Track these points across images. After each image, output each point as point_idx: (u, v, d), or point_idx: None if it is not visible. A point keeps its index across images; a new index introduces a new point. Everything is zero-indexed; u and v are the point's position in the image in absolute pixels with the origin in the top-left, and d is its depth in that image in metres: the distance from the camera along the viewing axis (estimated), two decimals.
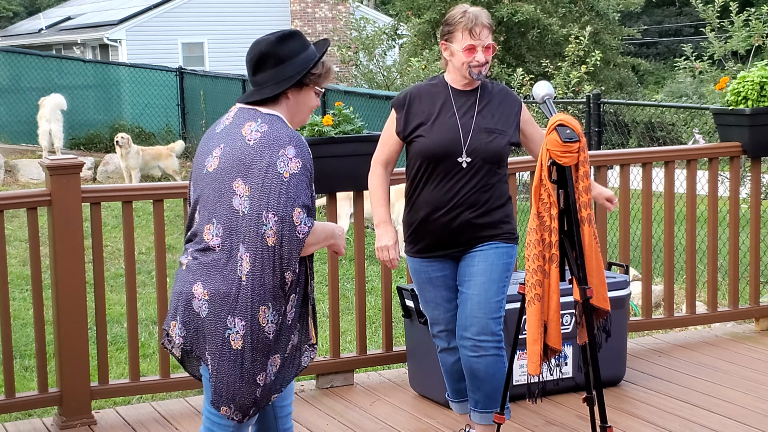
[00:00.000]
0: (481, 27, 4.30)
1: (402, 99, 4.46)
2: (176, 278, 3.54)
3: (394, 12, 22.54)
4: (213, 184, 3.45)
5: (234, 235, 3.38)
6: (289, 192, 3.34)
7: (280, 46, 3.54)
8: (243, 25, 28.62)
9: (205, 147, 3.56)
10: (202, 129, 19.74)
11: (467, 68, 4.31)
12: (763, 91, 6.17)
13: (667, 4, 38.26)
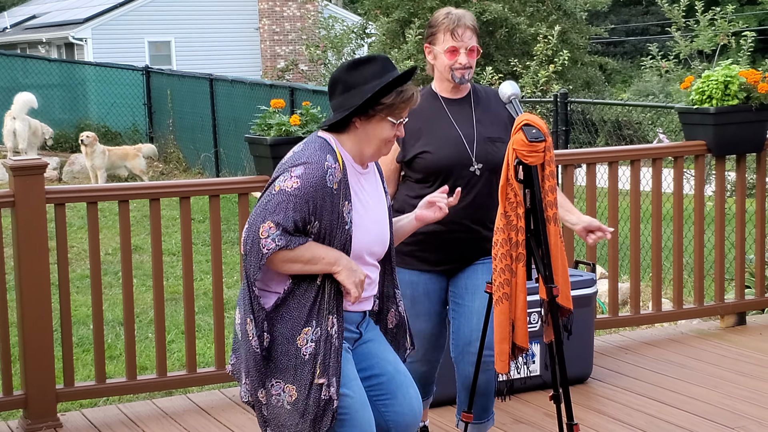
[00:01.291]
0: (463, 28, 4.20)
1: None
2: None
3: (363, 11, 22.53)
4: None
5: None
6: (269, 205, 3.29)
7: (351, 72, 3.44)
8: (210, 23, 28.56)
9: None
10: (170, 128, 19.68)
11: (449, 71, 4.22)
12: (728, 90, 6.21)
13: (634, 3, 38.47)
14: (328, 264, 3.33)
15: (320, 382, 3.32)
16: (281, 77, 23.28)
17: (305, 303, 3.37)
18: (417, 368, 4.48)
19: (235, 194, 5.66)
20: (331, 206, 3.33)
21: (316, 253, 3.32)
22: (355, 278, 3.36)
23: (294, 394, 3.35)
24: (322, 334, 3.35)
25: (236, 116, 16.69)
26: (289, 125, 5.45)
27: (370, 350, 3.57)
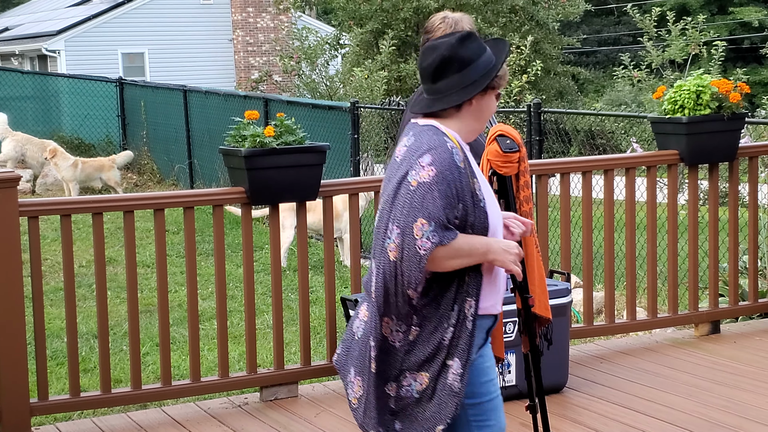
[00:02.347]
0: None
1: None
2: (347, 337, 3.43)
3: (336, 22, 22.57)
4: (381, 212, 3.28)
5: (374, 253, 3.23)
6: (414, 201, 3.10)
7: (462, 48, 3.26)
8: (184, 35, 28.51)
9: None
10: (143, 140, 19.61)
11: None
12: (699, 99, 6.25)
13: (606, 13, 38.67)
14: (482, 254, 3.20)
15: (449, 363, 3.21)
16: (255, 88, 23.27)
17: (450, 289, 3.21)
18: None
19: (209, 206, 5.65)
20: (467, 185, 3.18)
21: (471, 243, 3.18)
22: (512, 257, 3.23)
23: (426, 381, 3.22)
24: (460, 317, 3.22)
25: (210, 127, 16.65)
26: (263, 136, 5.45)
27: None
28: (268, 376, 5.65)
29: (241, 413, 5.46)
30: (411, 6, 20.51)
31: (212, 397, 5.79)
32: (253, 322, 5.62)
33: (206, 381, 5.59)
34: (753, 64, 31.35)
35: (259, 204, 5.64)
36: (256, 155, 5.41)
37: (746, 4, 36.48)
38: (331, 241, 5.82)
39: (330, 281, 5.73)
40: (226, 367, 5.59)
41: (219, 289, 5.52)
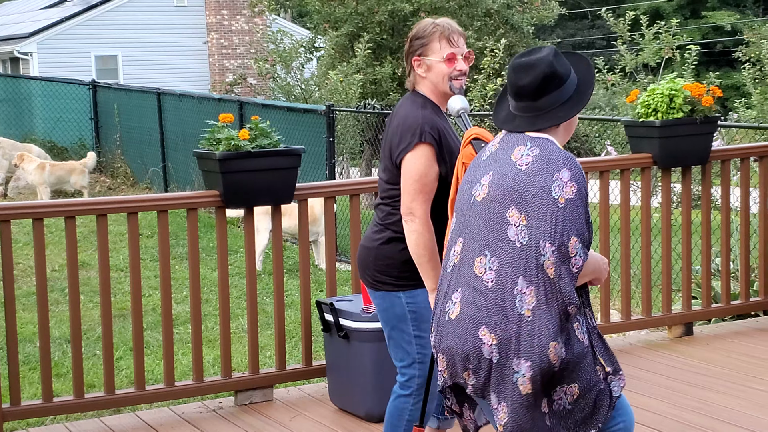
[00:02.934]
0: (458, 34, 4.05)
1: (437, 136, 3.96)
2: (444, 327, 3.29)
3: (312, 25, 22.52)
4: (483, 214, 3.25)
5: (511, 268, 3.16)
6: (565, 220, 3.13)
7: (558, 65, 3.32)
8: (158, 37, 28.40)
9: (472, 175, 3.37)
10: (117, 143, 19.53)
11: (447, 81, 4.01)
12: (672, 103, 6.29)
13: (580, 17, 38.84)
14: (593, 271, 3.29)
15: (608, 370, 3.28)
16: (230, 91, 23.22)
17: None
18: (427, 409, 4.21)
19: (183, 209, 5.63)
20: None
21: (593, 258, 3.27)
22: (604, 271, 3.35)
23: (576, 392, 3.23)
24: (588, 324, 3.29)
25: (184, 130, 16.60)
26: (237, 140, 5.43)
27: None
28: (243, 380, 5.63)
29: (216, 417, 5.45)
30: (386, 9, 20.50)
31: (186, 402, 5.77)
32: (228, 325, 5.61)
33: (180, 385, 5.57)
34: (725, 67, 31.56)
35: (234, 207, 5.62)
36: (231, 158, 5.40)
37: (719, 8, 36.75)
38: (306, 244, 5.81)
39: (305, 285, 5.73)
40: (201, 372, 5.57)
41: (193, 293, 5.50)
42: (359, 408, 5.29)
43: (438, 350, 3.34)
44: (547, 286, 3.14)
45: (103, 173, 19.54)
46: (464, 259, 3.29)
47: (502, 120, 3.42)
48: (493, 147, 3.39)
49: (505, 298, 3.17)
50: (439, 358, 3.33)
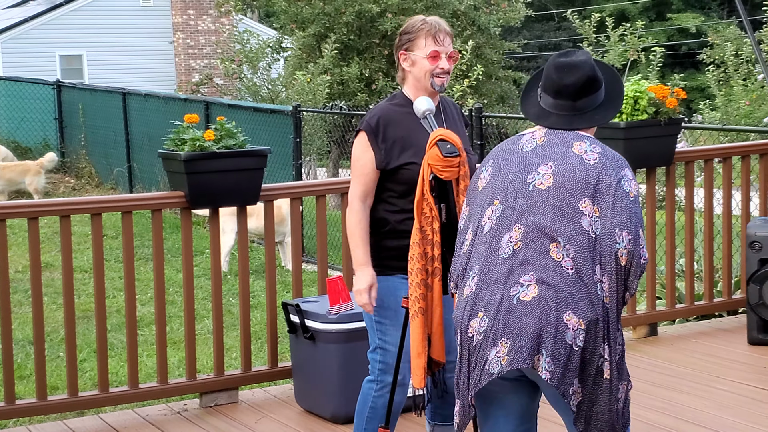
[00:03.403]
0: (444, 33, 4.15)
1: (374, 124, 4.12)
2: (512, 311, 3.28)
3: (279, 25, 22.45)
4: (550, 202, 3.31)
5: (587, 257, 3.25)
6: (637, 212, 3.30)
7: (597, 69, 3.49)
8: (124, 37, 28.21)
9: (517, 164, 3.41)
10: (82, 143, 19.39)
11: (430, 77, 4.11)
12: (637, 105, 6.32)
13: (547, 19, 38.98)
14: None
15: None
16: (196, 91, 23.10)
17: None
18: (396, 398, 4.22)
19: (148, 210, 5.60)
20: None
21: None
22: None
23: (626, 386, 3.42)
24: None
25: (150, 131, 16.51)
26: (203, 140, 5.41)
27: None
28: (208, 382, 5.60)
29: (180, 420, 5.42)
30: (353, 10, 20.48)
31: (151, 404, 5.73)
32: (193, 327, 5.58)
33: (145, 387, 5.54)
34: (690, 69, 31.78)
35: (199, 208, 5.60)
36: (196, 159, 5.37)
37: (684, 10, 37.00)
38: (273, 245, 5.80)
39: (271, 286, 5.71)
40: (165, 374, 5.54)
41: (158, 295, 5.47)
42: (325, 409, 5.27)
43: (500, 335, 3.29)
44: (618, 275, 3.27)
45: (67, 174, 19.40)
46: (532, 244, 3.31)
47: (536, 115, 3.52)
48: (537, 140, 3.46)
49: (588, 284, 3.25)
50: (501, 343, 3.28)
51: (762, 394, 5.55)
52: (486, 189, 3.48)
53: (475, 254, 3.43)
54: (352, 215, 4.16)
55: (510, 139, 3.56)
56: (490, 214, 3.42)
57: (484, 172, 3.53)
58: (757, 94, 14.04)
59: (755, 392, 5.58)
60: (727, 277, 6.96)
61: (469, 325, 3.36)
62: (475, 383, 3.34)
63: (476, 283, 3.38)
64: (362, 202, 4.16)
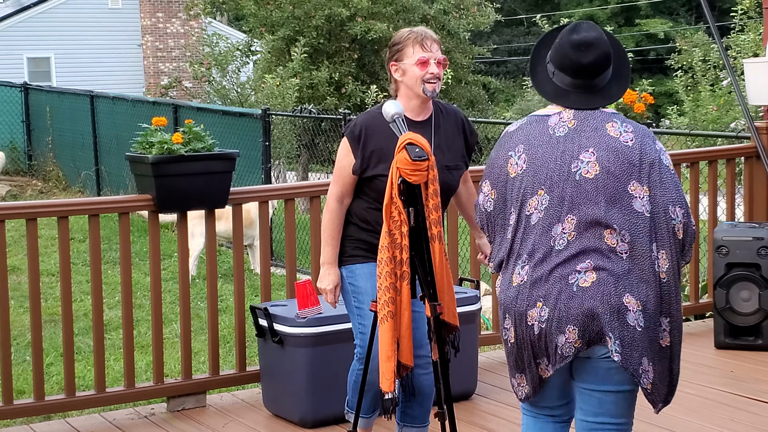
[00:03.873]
0: (431, 40, 4.30)
1: (357, 132, 4.27)
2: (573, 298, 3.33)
3: (248, 28, 22.42)
4: (601, 190, 3.33)
5: (643, 238, 3.32)
6: (680, 185, 3.39)
7: (608, 43, 3.46)
8: (92, 39, 28.05)
9: (556, 152, 3.40)
10: (49, 146, 19.27)
11: (421, 84, 4.25)
12: None
13: (516, 24, 39.13)
14: None
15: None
16: (165, 94, 23.01)
17: None
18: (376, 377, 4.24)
19: (116, 213, 5.56)
20: None
21: None
22: None
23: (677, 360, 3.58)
24: None
25: (118, 134, 16.43)
26: (171, 143, 5.38)
27: None
28: (176, 386, 5.58)
29: (148, 424, 5.39)
30: (323, 14, 20.48)
31: (118, 408, 5.70)
32: (161, 331, 5.55)
33: (112, 391, 5.51)
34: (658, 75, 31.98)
35: (167, 212, 5.57)
36: (164, 162, 5.35)
37: (652, 16, 37.23)
38: (241, 249, 5.78)
39: (240, 289, 5.69)
40: (132, 378, 5.51)
41: (125, 298, 5.44)
42: (293, 414, 5.26)
43: (564, 322, 3.34)
44: (675, 249, 3.38)
45: (34, 177, 19.27)
46: (586, 233, 3.35)
47: (553, 94, 3.49)
48: (567, 123, 3.43)
49: (644, 266, 3.33)
50: (568, 330, 3.34)
51: (729, 398, 5.59)
52: (524, 177, 3.44)
53: (523, 243, 3.44)
54: (327, 213, 4.34)
55: (534, 121, 3.51)
56: (537, 205, 3.42)
57: (514, 157, 3.48)
58: (725, 99, 14.14)
59: (722, 396, 5.62)
60: (694, 282, 7.00)
61: (528, 313, 3.41)
62: (557, 362, 3.41)
63: (528, 273, 3.41)
64: (339, 202, 4.33)
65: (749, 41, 13.61)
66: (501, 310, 3.54)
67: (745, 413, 5.34)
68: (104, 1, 28.59)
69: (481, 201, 3.62)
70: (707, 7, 7.05)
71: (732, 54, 13.62)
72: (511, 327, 3.48)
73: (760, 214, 7.04)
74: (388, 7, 21.01)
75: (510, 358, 3.56)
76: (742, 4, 14.28)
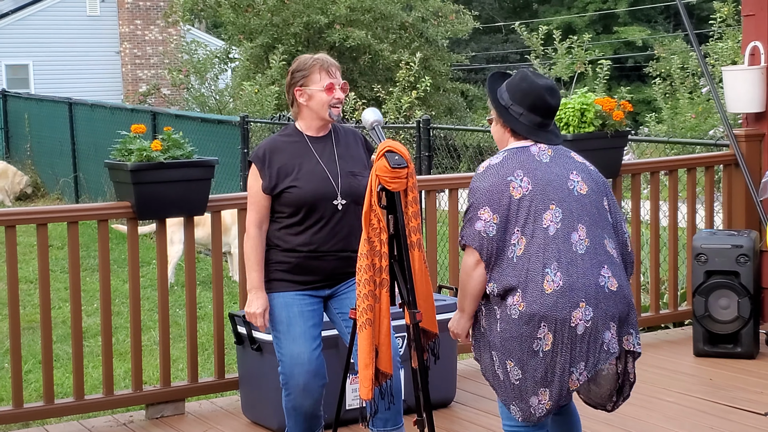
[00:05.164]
0: (335, 67, 4.46)
1: (261, 154, 4.44)
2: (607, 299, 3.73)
3: (226, 36, 22.39)
4: (594, 204, 3.81)
5: (618, 247, 3.86)
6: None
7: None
8: (70, 47, 27.97)
9: (548, 172, 3.79)
10: (27, 153, 19.18)
11: (327, 109, 4.40)
12: (584, 117, 6.37)
13: (494, 31, 39.21)
14: None
15: None
16: (143, 101, 22.96)
17: None
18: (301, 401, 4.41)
19: (94, 221, 5.54)
20: None
21: None
22: None
23: None
24: None
25: (97, 141, 16.38)
26: (150, 150, 5.37)
27: None
28: (154, 394, 5.56)
29: (126, 431, 5.37)
30: (301, 21, 20.49)
31: (97, 416, 5.67)
32: (139, 338, 5.53)
33: (90, 399, 5.48)
34: (637, 82, 32.10)
35: (146, 219, 5.55)
36: (143, 169, 5.33)
37: (630, 23, 37.37)
38: (220, 256, 5.77)
39: (218, 297, 5.68)
40: (111, 385, 5.48)
41: (104, 306, 5.42)
42: (272, 421, 5.25)
43: (608, 318, 3.73)
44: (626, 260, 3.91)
45: None
46: (595, 240, 3.77)
47: (527, 132, 3.88)
48: (547, 152, 3.86)
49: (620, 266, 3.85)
50: (611, 326, 3.74)
51: (707, 405, 5.61)
52: (533, 196, 3.75)
53: (544, 253, 3.70)
54: (248, 241, 4.44)
55: (517, 151, 3.85)
56: (551, 218, 3.74)
57: (515, 181, 3.77)
58: (703, 107, 14.22)
59: (701, 404, 5.64)
60: (673, 289, 7.03)
61: (572, 316, 3.67)
62: (593, 365, 3.71)
63: (562, 278, 3.68)
64: (258, 228, 4.43)
65: (728, 49, 13.70)
66: (534, 319, 3.67)
67: (723, 421, 5.36)
68: (82, 9, 28.50)
69: (481, 228, 3.75)
70: (686, 15, 7.09)
71: (710, 62, 13.69)
72: (548, 334, 3.68)
73: (738, 222, 7.08)
74: (367, 15, 21.03)
75: (537, 372, 3.71)
76: (721, 12, 14.37)
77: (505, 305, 3.71)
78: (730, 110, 7.24)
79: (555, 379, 3.69)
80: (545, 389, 3.71)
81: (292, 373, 4.39)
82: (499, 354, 3.76)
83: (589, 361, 3.69)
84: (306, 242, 4.38)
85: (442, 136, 12.74)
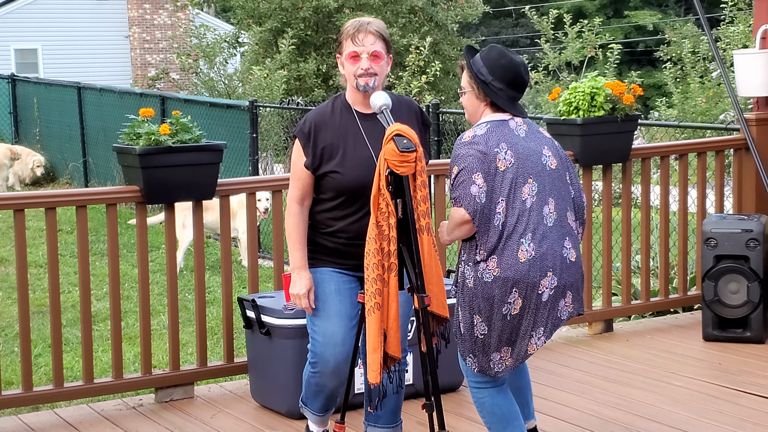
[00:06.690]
0: (365, 33, 4.15)
1: (307, 130, 4.23)
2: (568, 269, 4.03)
3: (236, 20, 22.36)
4: (561, 179, 4.08)
5: (577, 217, 4.15)
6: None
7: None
8: (79, 31, 27.96)
9: (526, 148, 4.03)
10: (36, 137, 19.19)
11: (354, 79, 4.17)
12: (594, 101, 6.35)
13: (504, 15, 39.11)
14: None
15: None
16: (152, 86, 22.94)
17: None
18: (327, 381, 4.35)
19: (103, 205, 5.55)
20: None
21: None
22: None
23: None
24: None
25: (105, 125, 16.37)
26: (158, 134, 5.36)
27: None
28: (164, 377, 5.57)
29: (136, 415, 5.38)
30: (310, 5, 20.45)
31: (106, 399, 5.69)
32: (148, 322, 5.54)
33: (100, 382, 5.50)
34: (647, 66, 32.02)
35: (154, 203, 5.55)
36: (151, 153, 5.33)
37: (641, 8, 37.26)
38: (228, 240, 5.77)
39: (227, 281, 5.68)
40: (120, 369, 5.50)
41: (113, 290, 5.43)
42: (281, 405, 5.26)
43: (566, 288, 4.03)
44: (584, 223, 4.20)
45: None
46: (560, 213, 4.05)
47: (508, 105, 4.11)
48: (523, 126, 4.10)
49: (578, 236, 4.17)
50: (567, 294, 4.05)
51: (716, 390, 5.61)
52: (515, 169, 3.98)
53: (521, 224, 3.95)
54: (290, 218, 4.29)
55: (498, 125, 4.06)
56: (529, 191, 3.99)
57: (501, 153, 3.98)
58: (714, 91, 14.15)
59: (709, 388, 5.64)
60: (683, 274, 7.02)
61: (541, 283, 3.96)
62: (549, 331, 4.04)
63: (534, 248, 3.95)
64: (299, 204, 4.29)
65: (739, 33, 13.62)
66: (506, 285, 3.94)
67: (732, 405, 5.36)
68: None
69: (475, 193, 3.93)
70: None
71: (721, 46, 13.63)
72: (517, 298, 3.96)
73: (748, 206, 7.06)
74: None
75: (503, 332, 3.99)
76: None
77: (478, 268, 3.97)
78: (740, 94, 7.21)
79: (517, 340, 4.01)
80: (508, 347, 4.03)
81: (323, 353, 4.25)
82: (468, 309, 4.02)
83: (547, 326, 4.02)
84: (345, 229, 4.24)
85: (451, 121, 12.72)
